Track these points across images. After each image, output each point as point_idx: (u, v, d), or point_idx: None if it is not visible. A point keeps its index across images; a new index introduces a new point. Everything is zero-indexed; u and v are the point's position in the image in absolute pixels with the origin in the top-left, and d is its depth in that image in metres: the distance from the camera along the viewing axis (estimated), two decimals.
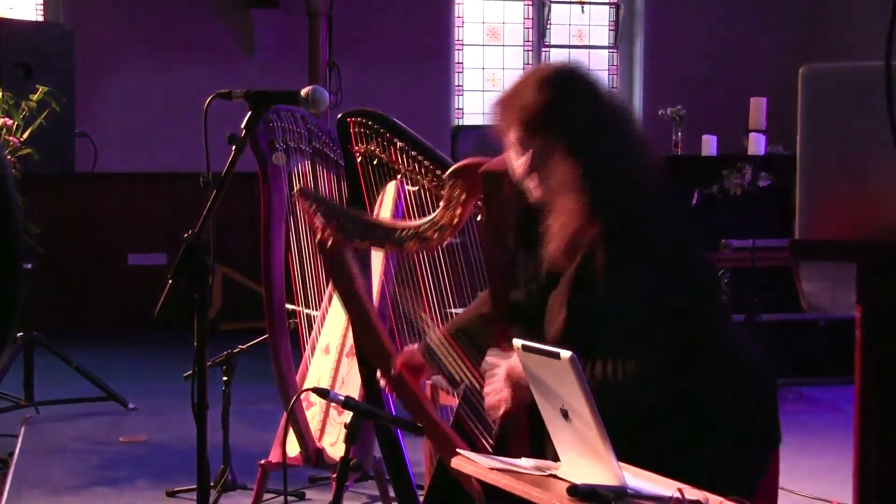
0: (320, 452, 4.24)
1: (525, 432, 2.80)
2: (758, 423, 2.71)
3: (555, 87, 2.68)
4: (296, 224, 4.28)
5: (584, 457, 2.30)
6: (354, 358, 4.01)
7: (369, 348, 3.39)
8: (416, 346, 3.27)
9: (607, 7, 11.03)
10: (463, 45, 10.68)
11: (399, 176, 3.62)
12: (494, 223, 2.89)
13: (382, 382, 3.37)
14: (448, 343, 3.15)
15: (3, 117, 5.99)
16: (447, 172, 3.06)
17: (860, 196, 1.84)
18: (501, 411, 2.78)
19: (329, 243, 3.30)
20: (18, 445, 5.71)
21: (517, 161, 2.74)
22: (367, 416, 3.19)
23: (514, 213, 2.85)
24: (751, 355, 2.76)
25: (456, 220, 3.05)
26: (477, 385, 3.05)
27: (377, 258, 4.17)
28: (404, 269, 3.32)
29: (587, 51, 11.05)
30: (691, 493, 2.21)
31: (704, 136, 8.62)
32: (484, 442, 3.10)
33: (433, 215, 3.13)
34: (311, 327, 4.42)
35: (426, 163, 3.32)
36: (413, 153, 3.37)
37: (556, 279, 2.73)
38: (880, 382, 1.87)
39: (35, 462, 5.50)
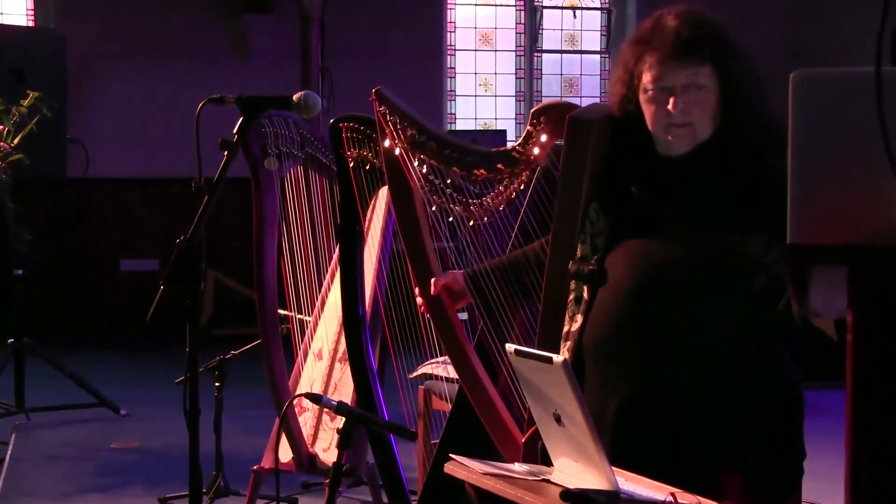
0: (313, 458, 4.24)
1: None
2: (793, 432, 2.73)
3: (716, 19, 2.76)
4: (288, 229, 4.28)
5: (576, 461, 2.30)
6: (347, 363, 4.01)
7: (415, 260, 3.34)
8: (460, 271, 3.25)
9: (599, 12, 11.04)
10: (455, 49, 10.69)
11: None
12: (571, 169, 2.85)
13: (419, 301, 3.33)
14: (491, 274, 3.13)
15: None
16: (534, 109, 3.03)
17: (852, 200, 1.84)
18: None
19: (396, 153, 3.26)
20: (9, 452, 5.70)
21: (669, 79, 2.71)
22: (360, 422, 3.18)
23: (593, 162, 2.82)
24: (789, 368, 2.77)
25: (531, 157, 3.01)
26: (510, 317, 3.06)
27: (370, 263, 4.17)
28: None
29: (579, 56, 11.06)
30: (684, 497, 2.21)
31: None
32: (503, 370, 3.13)
33: (509, 147, 3.09)
34: (303, 332, 4.42)
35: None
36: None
37: (624, 235, 2.75)
38: (872, 387, 1.87)
39: (26, 469, 5.48)
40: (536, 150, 3.00)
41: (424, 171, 3.19)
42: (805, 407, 2.79)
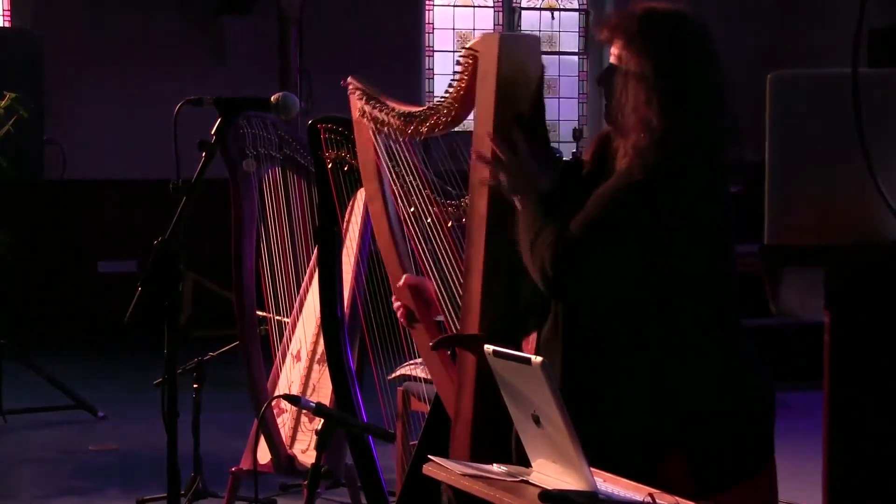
0: (292, 459, 4.23)
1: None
2: (750, 437, 2.70)
3: (663, 14, 2.67)
4: (266, 230, 4.28)
5: (555, 462, 2.30)
6: (325, 364, 4.00)
7: (387, 255, 3.33)
8: (431, 282, 3.24)
9: (577, 13, 11.07)
10: (433, 51, 10.69)
11: None
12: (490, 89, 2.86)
13: (396, 304, 3.32)
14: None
15: None
16: (466, 46, 3.04)
17: (829, 201, 1.85)
18: None
19: (364, 123, 3.29)
20: None
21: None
22: (338, 423, 3.18)
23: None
24: (752, 364, 2.73)
25: (461, 91, 2.99)
26: None
27: (348, 264, 4.17)
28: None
29: (557, 56, 11.08)
30: (662, 497, 2.21)
31: None
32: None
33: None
34: (282, 334, 4.41)
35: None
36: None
37: None
38: (849, 387, 1.88)
39: (3, 472, 5.46)
40: (463, 83, 2.99)
41: (386, 137, 3.24)
42: (780, 407, 2.78)
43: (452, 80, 3.03)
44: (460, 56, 3.01)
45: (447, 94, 3.06)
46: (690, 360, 2.62)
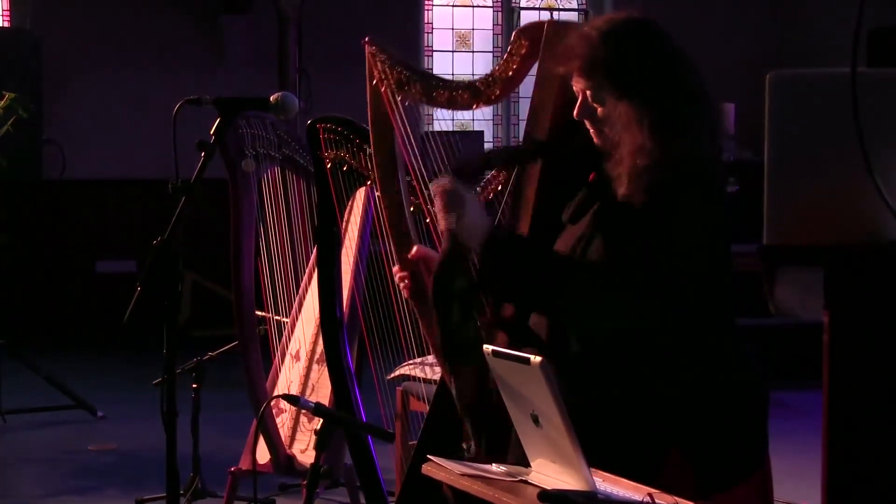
0: (291, 459, 4.24)
1: None
2: (747, 437, 2.70)
3: (608, 35, 2.70)
4: (266, 230, 4.28)
5: (554, 462, 2.30)
6: (324, 364, 4.00)
7: (393, 230, 3.31)
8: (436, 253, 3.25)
9: (576, 13, 11.07)
10: (432, 51, 10.68)
11: (368, 182, 3.62)
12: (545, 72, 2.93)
13: (399, 275, 3.29)
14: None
15: None
16: (515, 31, 3.11)
17: (828, 201, 1.85)
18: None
19: (382, 90, 3.29)
20: None
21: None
22: (337, 423, 3.18)
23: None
24: (748, 365, 2.73)
25: (510, 73, 3.07)
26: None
27: (347, 264, 4.17)
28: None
29: None
30: (661, 497, 2.21)
31: None
32: None
33: (490, 71, 3.17)
34: (281, 334, 4.41)
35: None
36: None
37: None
38: (848, 387, 1.88)
39: (2, 472, 5.46)
40: (514, 66, 3.06)
41: (407, 105, 3.28)
42: (779, 407, 2.77)
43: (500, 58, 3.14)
44: (515, 34, 3.09)
45: (492, 71, 3.14)
46: (688, 361, 2.62)
